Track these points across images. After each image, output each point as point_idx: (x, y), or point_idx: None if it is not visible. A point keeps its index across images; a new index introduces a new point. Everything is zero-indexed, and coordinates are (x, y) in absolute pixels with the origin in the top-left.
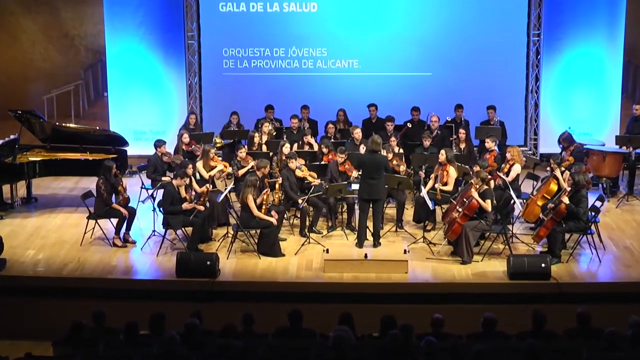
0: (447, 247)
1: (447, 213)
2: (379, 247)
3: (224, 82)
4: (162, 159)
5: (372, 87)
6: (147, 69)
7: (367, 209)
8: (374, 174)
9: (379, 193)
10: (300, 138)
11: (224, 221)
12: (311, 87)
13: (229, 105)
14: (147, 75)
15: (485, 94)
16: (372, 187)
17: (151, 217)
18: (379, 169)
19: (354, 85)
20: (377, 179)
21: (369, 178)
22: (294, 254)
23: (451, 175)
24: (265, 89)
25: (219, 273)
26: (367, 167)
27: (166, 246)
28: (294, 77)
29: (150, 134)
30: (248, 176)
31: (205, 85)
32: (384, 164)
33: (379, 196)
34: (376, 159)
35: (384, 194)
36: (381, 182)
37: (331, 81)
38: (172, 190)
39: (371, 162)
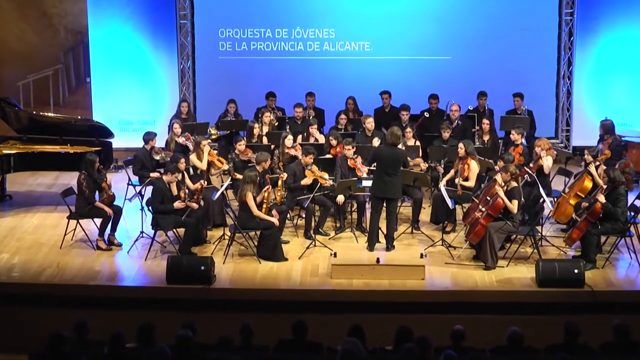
0: (468, 250)
1: (469, 213)
2: (392, 251)
3: (220, 66)
4: (151, 154)
5: (385, 73)
6: (134, 52)
7: (380, 208)
8: (390, 169)
9: (394, 191)
10: (304, 129)
11: (220, 222)
12: (317, 73)
13: (226, 92)
14: (135, 59)
15: (511, 80)
16: (388, 184)
17: (139, 216)
18: (397, 165)
19: (365, 70)
20: (393, 176)
21: (384, 174)
22: (297, 258)
23: (473, 170)
24: (266, 74)
25: (215, 279)
26: (384, 161)
27: (155, 249)
28: (298, 61)
29: (137, 124)
30: (247, 171)
31: (199, 70)
32: (403, 159)
33: (395, 194)
34: (395, 153)
35: (400, 192)
36: (397, 180)
37: (339, 66)
38: (163, 187)
39: (389, 157)
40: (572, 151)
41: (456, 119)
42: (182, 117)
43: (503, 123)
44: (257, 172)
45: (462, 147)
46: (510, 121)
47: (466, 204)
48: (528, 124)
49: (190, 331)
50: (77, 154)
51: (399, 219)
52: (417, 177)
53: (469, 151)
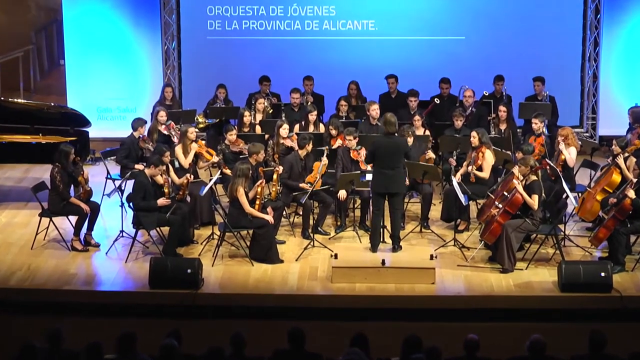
0: (483, 251)
1: (484, 210)
2: (399, 252)
3: (209, 47)
4: (140, 142)
5: (391, 54)
6: (113, 31)
7: (383, 205)
8: (391, 162)
9: (397, 185)
10: (302, 117)
11: (208, 219)
12: (316, 54)
13: (215, 76)
14: (114, 39)
15: (531, 62)
16: (389, 178)
17: (118, 214)
18: (398, 156)
19: (369, 52)
20: (395, 169)
21: (384, 167)
22: (294, 260)
23: (487, 160)
24: (259, 56)
25: (203, 283)
26: (383, 154)
27: (137, 250)
28: (295, 42)
29: (117, 111)
30: (238, 164)
31: (185, 51)
32: (403, 149)
33: (398, 189)
34: (394, 143)
35: (404, 186)
36: (400, 172)
37: (341, 47)
38: (145, 182)
39: (388, 148)
40: (599, 141)
41: (470, 106)
42: (166, 104)
43: (522, 110)
44: (249, 165)
45: (475, 136)
46: (530, 108)
47: (481, 200)
48: (550, 112)
49: (176, 341)
50: (50, 145)
51: (406, 216)
52: (427, 170)
53: (483, 140)
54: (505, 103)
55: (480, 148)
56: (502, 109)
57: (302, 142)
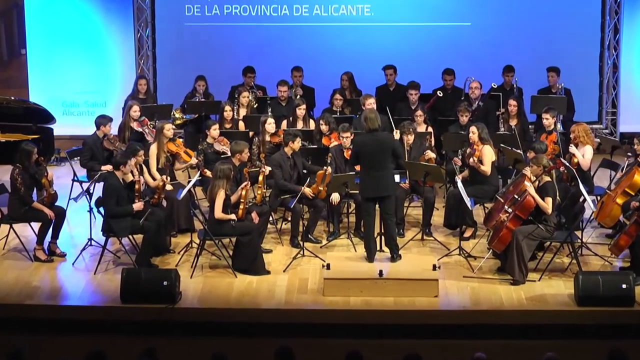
0: (492, 261)
1: (492, 215)
2: (398, 262)
3: (187, 35)
4: (103, 142)
5: (389, 42)
6: (79, 17)
7: (374, 210)
8: (377, 161)
9: (387, 187)
10: (291, 112)
11: (186, 226)
12: (306, 42)
13: (193, 67)
14: (80, 26)
15: (544, 51)
16: (377, 180)
17: (86, 220)
18: (384, 154)
19: (364, 40)
20: (383, 169)
21: (371, 168)
22: (282, 271)
23: (486, 154)
24: (242, 44)
25: (180, 297)
26: (367, 153)
27: (107, 260)
28: (282, 29)
29: (84, 106)
30: (219, 164)
31: (160, 39)
32: (390, 145)
33: (387, 191)
34: (379, 140)
35: (394, 187)
36: (389, 173)
37: (333, 34)
38: (117, 185)
39: (371, 146)
40: (619, 139)
41: (477, 100)
42: (139, 98)
43: (534, 104)
44: (231, 165)
45: (474, 131)
46: (543, 102)
47: (488, 204)
48: (565, 106)
49: None
50: (10, 143)
51: (406, 222)
52: (429, 171)
53: (482, 136)
54: (515, 96)
55: (475, 145)
56: (512, 103)
57: (288, 137)
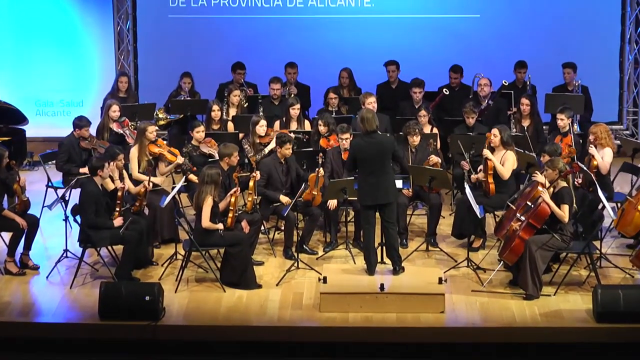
0: (503, 274)
1: (504, 223)
2: (401, 274)
3: (171, 28)
4: (80, 143)
5: (391, 36)
6: (54, 9)
7: (373, 218)
8: (376, 166)
9: (387, 194)
10: (284, 112)
11: (170, 236)
12: (301, 37)
13: (178, 63)
14: (54, 19)
15: (559, 45)
16: (376, 186)
17: (61, 230)
18: (383, 158)
19: (364, 34)
20: (382, 174)
21: (369, 174)
22: (275, 284)
23: (508, 159)
24: (232, 39)
25: (164, 313)
26: (365, 157)
27: (85, 273)
28: (275, 22)
29: (59, 105)
30: (206, 169)
31: (142, 33)
32: (389, 148)
33: (388, 198)
34: (376, 142)
35: (395, 193)
36: (389, 178)
37: (330, 27)
38: (95, 192)
39: (369, 150)
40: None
41: (486, 98)
42: (119, 96)
43: (549, 103)
44: (219, 170)
45: (496, 133)
46: (558, 101)
47: (499, 212)
48: (582, 105)
49: None
50: None
51: (410, 231)
52: (434, 176)
53: (505, 139)
54: (528, 95)
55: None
56: (524, 102)
57: (281, 139)
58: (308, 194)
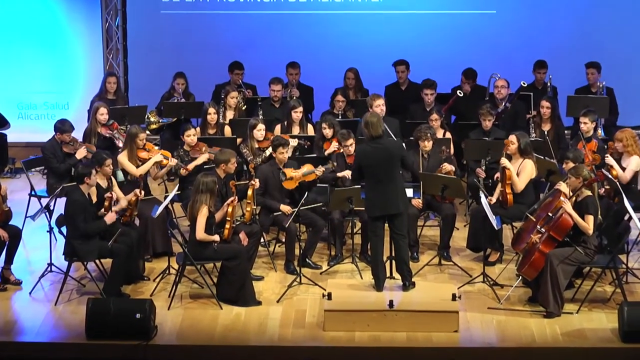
0: (522, 290)
1: (522, 236)
2: (411, 290)
3: (163, 25)
4: (62, 147)
5: (401, 34)
6: (36, 5)
7: (382, 230)
8: (383, 173)
9: (397, 203)
10: (285, 115)
11: (163, 249)
12: (303, 34)
13: (171, 63)
14: (38, 15)
15: (582, 44)
16: (385, 195)
17: (45, 242)
18: (391, 165)
19: (372, 31)
20: (392, 182)
21: (377, 182)
22: (275, 301)
23: (526, 169)
24: (229, 36)
25: (156, 332)
26: (371, 165)
27: (70, 289)
28: (275, 17)
29: (43, 108)
30: (201, 176)
31: (132, 31)
32: (397, 154)
33: (397, 208)
34: (382, 148)
35: (406, 203)
36: (398, 186)
37: (335, 24)
38: (82, 200)
39: (377, 155)
40: None
41: (503, 100)
42: (108, 98)
43: (571, 106)
44: (215, 178)
45: (514, 140)
46: (581, 103)
47: (518, 223)
48: (606, 108)
49: None
50: None
51: (421, 244)
52: (447, 184)
53: (523, 147)
54: (549, 97)
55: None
56: (544, 105)
57: (274, 142)
58: (291, 183)
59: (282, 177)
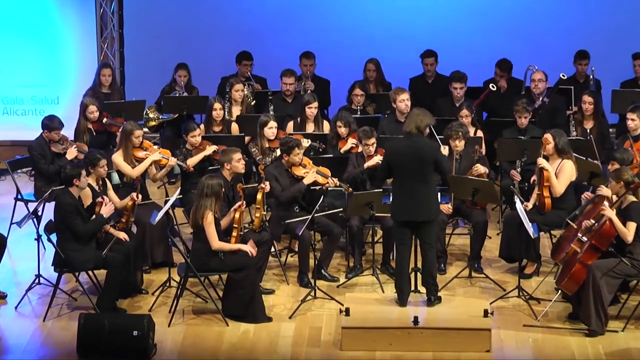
0: (561, 305)
1: (562, 245)
2: (438, 306)
3: (163, 10)
4: (51, 147)
5: (427, 21)
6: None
7: (410, 238)
8: (415, 175)
9: (427, 210)
10: (299, 111)
11: (162, 259)
12: (319, 20)
13: (173, 52)
14: (24, 2)
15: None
16: (415, 199)
17: (33, 251)
18: (424, 166)
19: (395, 17)
20: (423, 184)
21: (406, 184)
22: (287, 317)
23: (565, 170)
24: (237, 23)
25: (155, 351)
26: (402, 163)
27: (60, 303)
28: (288, 3)
29: (31, 103)
30: (206, 178)
31: (129, 16)
32: (432, 156)
33: (429, 215)
34: (415, 147)
35: (437, 209)
36: (431, 190)
37: (354, 9)
38: (74, 203)
39: (411, 154)
40: None
41: (540, 95)
42: (102, 92)
43: (616, 101)
44: (221, 180)
45: (549, 139)
46: (628, 98)
47: (557, 231)
48: None
49: None
50: None
51: (449, 254)
52: (479, 188)
53: (561, 146)
54: (591, 91)
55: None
56: (587, 100)
57: (287, 144)
58: (300, 169)
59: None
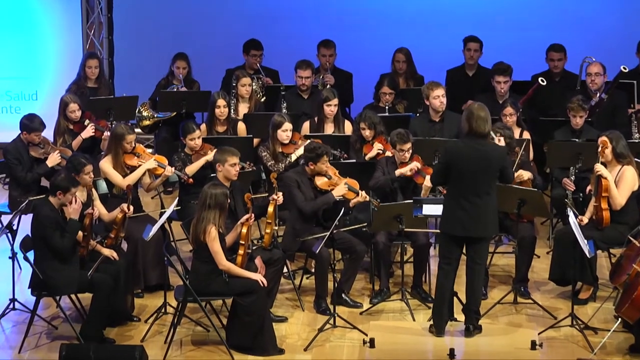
0: (621, 336)
1: (622, 266)
2: (477, 336)
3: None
4: (30, 151)
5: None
6: None
7: (458, 257)
8: (476, 184)
9: (484, 225)
10: (316, 109)
11: (157, 280)
12: (339, 5)
13: (170, 41)
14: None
15: None
16: (472, 212)
17: (7, 271)
18: (488, 174)
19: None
20: (482, 197)
21: (464, 194)
22: (302, 349)
23: (626, 179)
24: (243, 8)
25: None
26: (463, 170)
27: (39, 332)
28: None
29: (7, 99)
30: (209, 187)
31: (118, 1)
32: (499, 163)
33: (485, 231)
34: (482, 152)
35: (495, 226)
36: (491, 203)
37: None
38: (53, 215)
39: (470, 160)
40: None
41: (598, 91)
42: (87, 87)
43: None
44: (227, 190)
45: (605, 142)
46: None
47: (616, 250)
48: None
49: None
50: None
51: (490, 276)
52: (525, 198)
53: (619, 151)
54: None
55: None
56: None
57: (315, 152)
58: (329, 183)
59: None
